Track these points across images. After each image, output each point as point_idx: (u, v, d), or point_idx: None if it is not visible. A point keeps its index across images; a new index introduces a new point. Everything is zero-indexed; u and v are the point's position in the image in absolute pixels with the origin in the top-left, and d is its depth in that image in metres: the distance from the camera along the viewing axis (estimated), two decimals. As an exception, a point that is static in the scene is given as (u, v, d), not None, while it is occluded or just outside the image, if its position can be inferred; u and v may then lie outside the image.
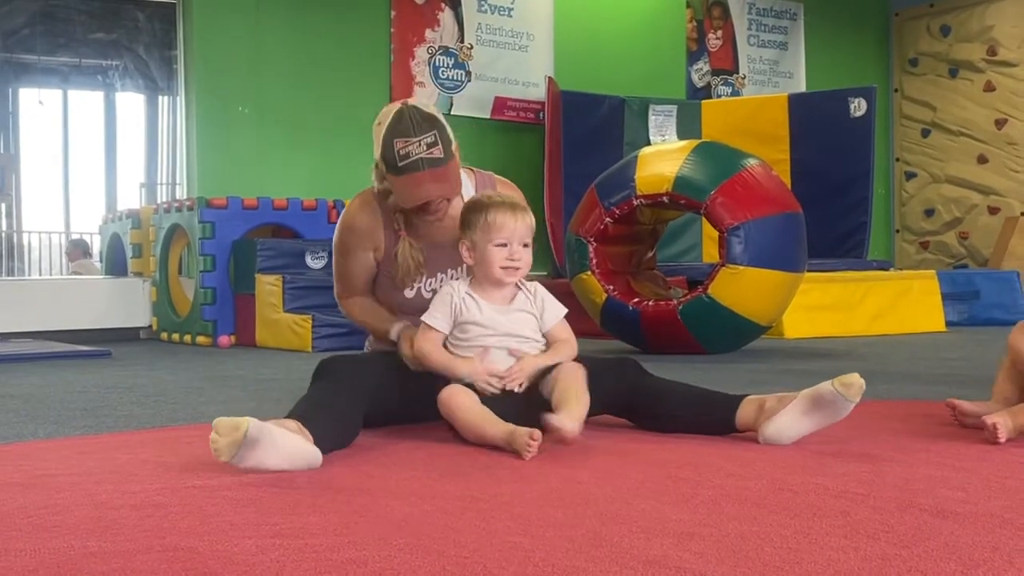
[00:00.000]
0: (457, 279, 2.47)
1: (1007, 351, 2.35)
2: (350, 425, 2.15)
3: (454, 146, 2.45)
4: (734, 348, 4.94)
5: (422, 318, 2.32)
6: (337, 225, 2.65)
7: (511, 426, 2.05)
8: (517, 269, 2.29)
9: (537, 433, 1.98)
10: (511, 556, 1.31)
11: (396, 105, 2.45)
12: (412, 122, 2.38)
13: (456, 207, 2.50)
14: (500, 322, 2.28)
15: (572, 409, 2.07)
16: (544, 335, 2.34)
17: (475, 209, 2.30)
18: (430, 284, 2.55)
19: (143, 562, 1.30)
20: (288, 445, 1.89)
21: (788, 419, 2.11)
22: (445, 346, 2.32)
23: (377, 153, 2.44)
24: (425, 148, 2.36)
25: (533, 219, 2.34)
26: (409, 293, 2.55)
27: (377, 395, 2.27)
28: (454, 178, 2.43)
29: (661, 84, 8.85)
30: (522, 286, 2.34)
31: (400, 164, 2.36)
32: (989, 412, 2.19)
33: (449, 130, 2.45)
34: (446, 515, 1.53)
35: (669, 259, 7.24)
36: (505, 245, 2.27)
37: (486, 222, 2.26)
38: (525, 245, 2.29)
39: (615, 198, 4.82)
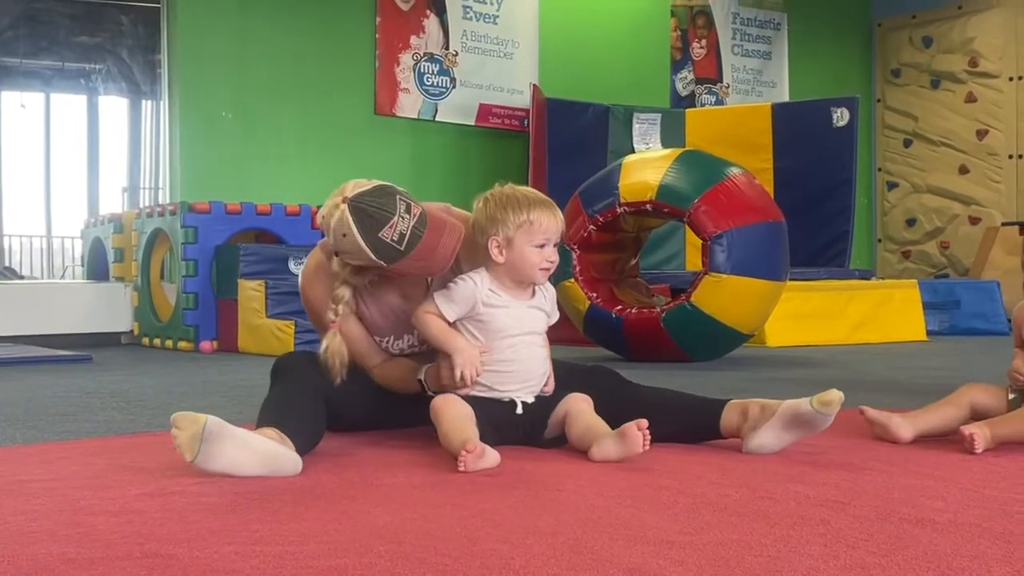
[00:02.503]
0: (414, 343, 2.37)
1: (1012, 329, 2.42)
2: (317, 422, 2.16)
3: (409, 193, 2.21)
4: (717, 356, 4.95)
5: (434, 293, 2.20)
6: (302, 296, 2.42)
7: (468, 434, 1.99)
8: (551, 269, 2.26)
9: (475, 446, 1.91)
10: (492, 563, 1.31)
11: (335, 210, 2.12)
12: (374, 208, 2.09)
13: None
14: (524, 318, 2.24)
15: (600, 442, 2.06)
16: None
17: (512, 206, 2.19)
18: (398, 344, 2.38)
19: (122, 569, 1.29)
20: (265, 449, 1.89)
21: (769, 434, 2.12)
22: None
23: (363, 259, 2.14)
24: (409, 216, 2.11)
25: (562, 217, 2.28)
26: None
27: (348, 396, 2.27)
28: (442, 218, 2.18)
29: (645, 92, 8.88)
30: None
31: (404, 248, 2.10)
32: (891, 421, 2.26)
33: (397, 186, 2.18)
34: (427, 522, 1.53)
35: (652, 267, 7.25)
36: (543, 246, 2.22)
37: (528, 221, 2.18)
38: (555, 245, 2.26)
39: (599, 206, 4.83)
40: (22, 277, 8.37)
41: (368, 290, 2.32)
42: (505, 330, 2.21)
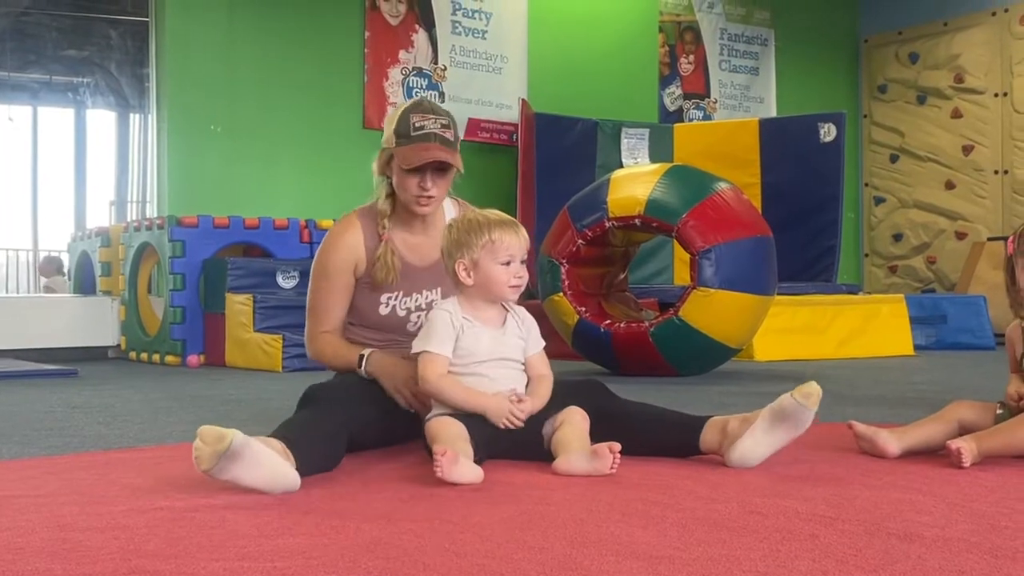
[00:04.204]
0: (433, 299, 2.51)
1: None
2: (334, 451, 2.14)
3: (459, 145, 2.58)
4: (705, 370, 4.96)
5: (425, 348, 2.23)
6: (318, 251, 2.64)
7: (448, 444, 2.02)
8: (521, 286, 2.28)
9: (445, 449, 1.93)
10: (481, 579, 1.30)
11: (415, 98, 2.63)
12: (431, 105, 2.56)
13: (439, 223, 2.56)
14: (496, 346, 2.26)
15: (568, 455, 2.08)
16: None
17: (473, 229, 2.26)
18: (405, 303, 2.56)
19: (108, 585, 1.28)
20: (270, 466, 1.88)
21: (753, 440, 2.12)
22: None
23: (388, 131, 2.53)
24: (439, 127, 2.50)
25: (527, 234, 2.34)
26: (384, 310, 2.57)
27: (361, 422, 2.27)
28: (458, 159, 2.53)
29: (634, 107, 8.91)
30: (510, 309, 2.32)
31: (413, 133, 2.48)
32: (879, 436, 2.26)
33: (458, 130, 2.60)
34: (416, 538, 1.53)
35: (641, 281, 7.26)
36: (509, 263, 2.25)
37: (490, 241, 2.23)
38: (522, 261, 2.28)
39: (587, 220, 4.84)
40: (64, 274, 8.33)
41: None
42: (475, 355, 2.24)
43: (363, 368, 2.45)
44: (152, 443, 2.66)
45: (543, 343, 2.36)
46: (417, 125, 2.47)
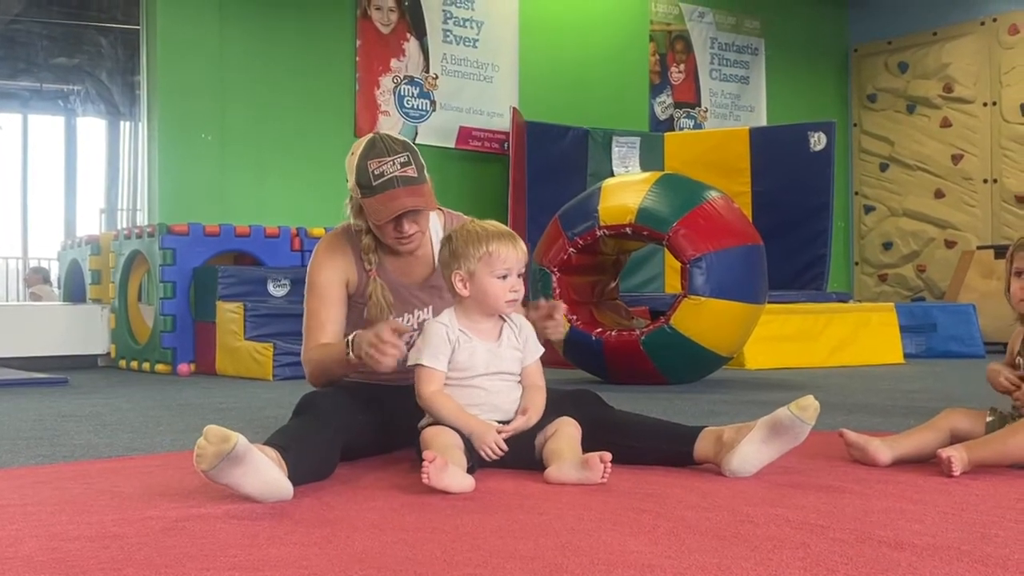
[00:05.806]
0: (425, 319, 2.47)
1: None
2: (328, 460, 2.14)
3: (426, 171, 2.47)
4: (696, 379, 4.96)
5: (419, 361, 2.22)
6: (309, 270, 2.58)
7: (443, 453, 2.02)
8: (517, 300, 2.26)
9: (434, 455, 1.94)
10: (472, 588, 1.30)
11: (368, 135, 2.49)
12: (385, 144, 2.42)
13: (426, 244, 2.54)
14: (493, 359, 2.25)
15: (560, 464, 2.08)
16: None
17: (471, 240, 2.23)
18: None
19: (98, 595, 1.28)
20: (267, 474, 1.87)
21: (750, 449, 2.12)
22: None
23: (351, 180, 2.44)
24: (399, 167, 2.39)
25: (525, 248, 2.32)
26: None
27: (355, 431, 2.27)
28: (429, 196, 2.44)
29: (624, 116, 8.93)
30: (507, 319, 2.31)
31: (375, 183, 2.38)
32: (870, 444, 2.27)
33: (421, 156, 2.47)
34: (407, 547, 1.52)
35: (632, 289, 7.27)
36: (506, 276, 2.23)
37: (487, 253, 2.21)
38: (520, 275, 2.27)
39: (578, 228, 4.85)
40: (50, 284, 8.30)
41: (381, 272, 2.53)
42: (471, 369, 2.23)
43: (351, 352, 2.33)
44: (142, 452, 2.65)
45: (541, 350, 2.35)
46: (376, 173, 2.38)
